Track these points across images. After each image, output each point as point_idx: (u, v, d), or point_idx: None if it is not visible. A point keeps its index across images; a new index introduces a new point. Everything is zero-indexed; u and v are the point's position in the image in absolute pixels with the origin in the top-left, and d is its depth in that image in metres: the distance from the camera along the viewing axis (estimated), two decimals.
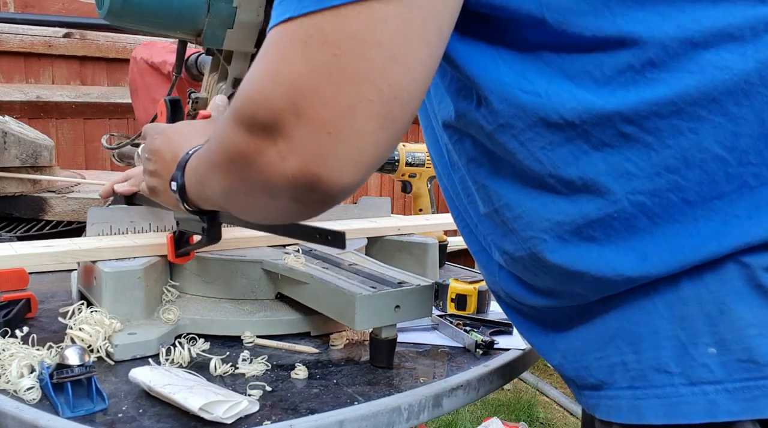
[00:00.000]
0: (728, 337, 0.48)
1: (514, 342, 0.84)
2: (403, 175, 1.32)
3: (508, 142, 0.52)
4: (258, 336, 0.81)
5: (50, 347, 0.69)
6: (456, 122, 0.57)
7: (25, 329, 0.72)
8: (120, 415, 0.60)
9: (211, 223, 0.78)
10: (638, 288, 0.51)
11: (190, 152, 0.66)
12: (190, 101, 1.07)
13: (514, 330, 0.87)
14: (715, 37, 0.46)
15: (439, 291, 0.95)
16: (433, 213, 1.35)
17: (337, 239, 0.67)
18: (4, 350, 0.67)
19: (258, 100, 0.45)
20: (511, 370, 0.80)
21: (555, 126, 0.49)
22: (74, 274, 0.93)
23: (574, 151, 0.50)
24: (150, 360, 0.72)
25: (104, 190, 1.00)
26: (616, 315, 0.53)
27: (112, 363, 0.71)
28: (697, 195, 0.48)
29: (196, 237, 0.81)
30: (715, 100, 0.46)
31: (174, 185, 0.67)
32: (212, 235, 0.79)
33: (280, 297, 0.87)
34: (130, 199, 0.98)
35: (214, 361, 0.71)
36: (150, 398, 0.63)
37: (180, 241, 0.84)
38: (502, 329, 0.88)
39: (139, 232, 0.95)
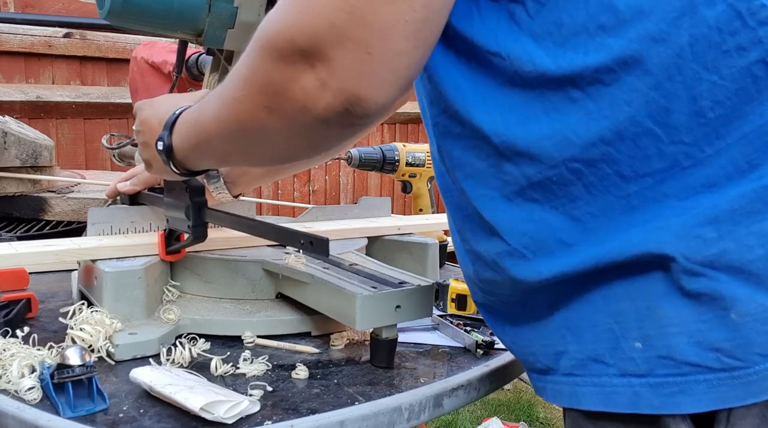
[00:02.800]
0: (652, 333, 0.50)
1: None
2: (403, 175, 1.32)
3: (468, 97, 0.54)
4: (258, 336, 0.81)
5: (51, 347, 0.69)
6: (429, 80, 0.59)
7: (26, 329, 0.72)
8: (121, 415, 0.60)
9: (197, 222, 0.78)
10: (579, 282, 0.53)
11: (177, 112, 0.67)
12: None
13: None
14: (659, 5, 0.47)
15: (439, 292, 0.95)
16: (433, 213, 1.35)
17: (320, 246, 0.67)
18: (4, 350, 0.67)
19: (297, 26, 0.46)
20: (511, 370, 0.80)
21: (518, 86, 0.51)
22: (74, 274, 0.93)
23: (527, 113, 0.51)
24: (151, 360, 0.72)
25: (110, 190, 1.01)
26: (562, 306, 0.55)
27: (113, 363, 0.71)
28: (630, 169, 0.50)
29: (187, 236, 0.81)
30: (649, 71, 0.48)
31: (160, 145, 0.67)
32: (198, 233, 0.79)
33: (281, 297, 0.87)
34: (134, 198, 0.98)
35: (215, 361, 0.71)
36: (151, 398, 0.63)
37: (170, 239, 0.84)
38: None
39: (139, 232, 0.95)
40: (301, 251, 0.89)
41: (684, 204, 0.49)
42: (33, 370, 0.64)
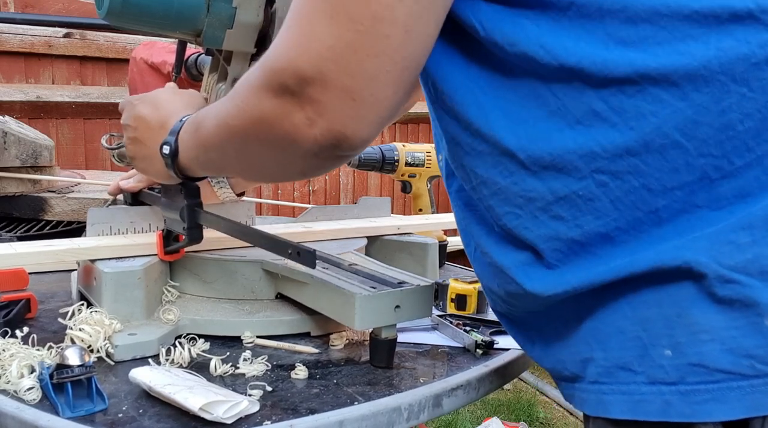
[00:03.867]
0: (683, 341, 0.50)
1: (514, 343, 0.84)
2: (403, 175, 1.32)
3: (490, 113, 0.55)
4: (258, 337, 0.81)
5: (50, 347, 0.69)
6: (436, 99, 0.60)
7: (26, 329, 0.72)
8: (120, 415, 0.60)
9: (192, 224, 0.79)
10: (607, 290, 0.53)
11: (184, 119, 0.71)
12: None
13: None
14: (683, 22, 0.47)
15: (439, 292, 0.95)
16: (433, 213, 1.35)
17: (306, 257, 0.69)
18: (4, 350, 0.67)
19: (288, 69, 0.50)
20: (511, 370, 0.80)
21: (542, 98, 0.52)
22: (74, 274, 0.93)
23: (551, 127, 0.52)
24: (150, 360, 0.72)
25: (112, 188, 1.01)
26: (587, 314, 0.55)
27: (112, 363, 0.71)
28: (657, 182, 0.50)
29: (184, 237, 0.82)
30: (676, 83, 0.48)
31: (167, 149, 0.71)
32: (192, 235, 0.80)
33: (280, 298, 0.87)
34: (136, 197, 0.98)
35: (214, 361, 0.71)
36: (150, 398, 0.64)
37: (168, 239, 0.84)
38: (502, 329, 0.88)
39: (138, 232, 0.95)
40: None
41: (718, 214, 0.49)
42: (32, 370, 0.64)
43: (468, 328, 0.86)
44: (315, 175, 0.61)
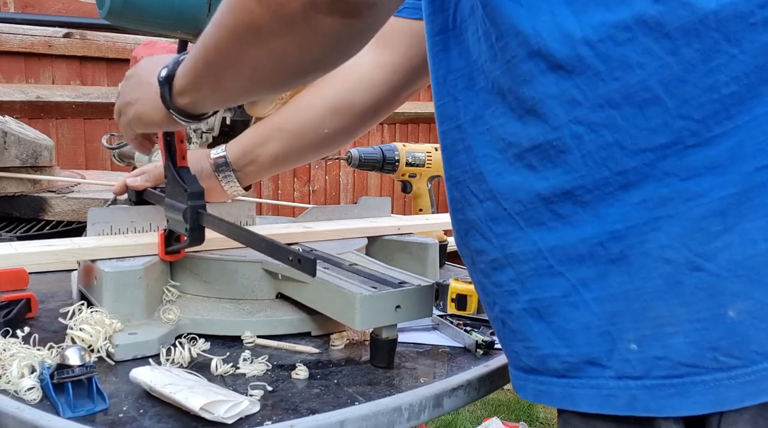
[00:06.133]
0: (648, 334, 0.50)
1: None
2: (403, 175, 1.32)
3: (488, 49, 0.54)
4: (258, 336, 0.81)
5: (51, 347, 0.69)
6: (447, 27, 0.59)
7: (26, 329, 0.72)
8: (121, 415, 0.60)
9: (194, 225, 0.78)
10: (559, 283, 0.53)
11: (180, 57, 0.67)
12: None
13: None
14: None
15: (439, 291, 0.95)
16: (433, 213, 1.35)
17: (307, 265, 0.67)
18: (4, 350, 0.67)
19: None
20: None
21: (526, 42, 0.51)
22: (74, 274, 0.93)
23: (533, 68, 0.51)
24: (150, 360, 0.72)
25: (117, 187, 1.01)
26: (549, 307, 0.54)
27: (113, 363, 0.71)
28: (631, 140, 0.48)
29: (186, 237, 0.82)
30: (669, 35, 0.46)
31: (164, 72, 0.67)
32: (194, 237, 0.80)
33: (281, 297, 0.87)
34: (140, 195, 0.98)
35: (215, 361, 0.71)
36: (151, 398, 0.63)
37: (170, 239, 0.84)
38: None
39: (139, 232, 0.95)
40: (300, 251, 0.89)
41: (686, 184, 0.48)
42: (33, 370, 0.64)
43: (468, 328, 0.86)
44: (321, 53, 0.53)
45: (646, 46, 0.47)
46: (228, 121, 1.16)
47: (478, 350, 0.81)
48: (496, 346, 0.81)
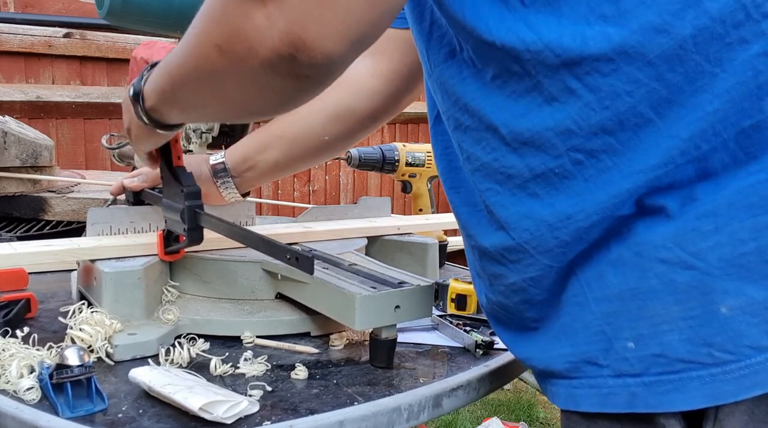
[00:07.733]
0: (644, 332, 0.51)
1: None
2: (403, 175, 1.32)
3: (478, 89, 0.55)
4: (258, 337, 0.81)
5: (50, 347, 0.69)
6: (432, 73, 0.60)
7: (25, 329, 0.72)
8: (120, 415, 0.60)
9: (192, 225, 0.78)
10: (572, 283, 0.55)
11: (145, 72, 0.68)
12: None
13: None
14: None
15: (439, 291, 0.95)
16: (433, 213, 1.35)
17: (305, 263, 0.68)
18: (4, 350, 0.67)
19: None
20: (511, 370, 0.80)
21: (517, 75, 0.52)
22: (74, 274, 0.93)
23: (530, 103, 0.52)
24: (150, 360, 0.72)
25: (114, 188, 1.01)
26: (556, 310, 0.57)
27: (112, 363, 0.71)
28: (628, 164, 0.50)
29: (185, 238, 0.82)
30: (651, 62, 0.48)
31: (131, 90, 0.68)
32: (193, 237, 0.80)
33: (280, 298, 0.87)
34: (138, 196, 0.98)
35: (214, 361, 0.71)
36: (150, 398, 0.63)
37: (169, 239, 0.84)
38: None
39: (138, 232, 0.95)
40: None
41: (680, 192, 0.50)
42: (32, 370, 0.64)
43: (468, 328, 0.86)
44: (278, 103, 0.54)
45: (631, 76, 0.48)
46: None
47: (477, 350, 0.81)
48: (496, 346, 0.81)
